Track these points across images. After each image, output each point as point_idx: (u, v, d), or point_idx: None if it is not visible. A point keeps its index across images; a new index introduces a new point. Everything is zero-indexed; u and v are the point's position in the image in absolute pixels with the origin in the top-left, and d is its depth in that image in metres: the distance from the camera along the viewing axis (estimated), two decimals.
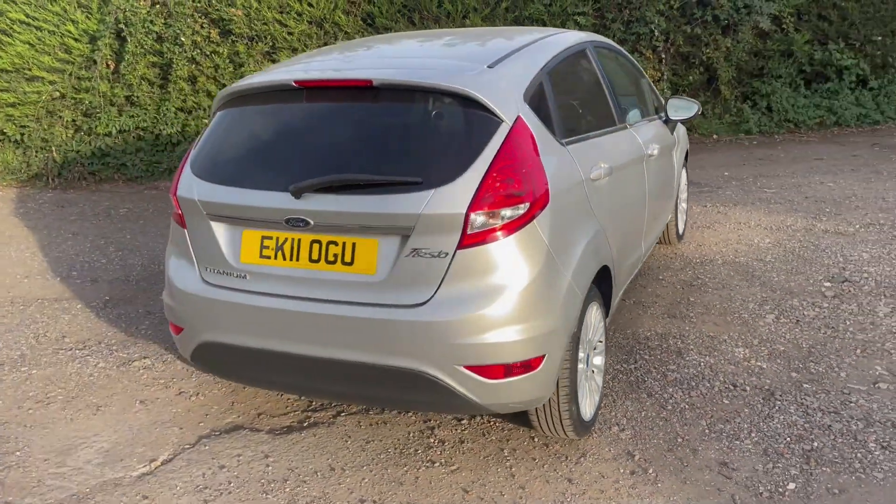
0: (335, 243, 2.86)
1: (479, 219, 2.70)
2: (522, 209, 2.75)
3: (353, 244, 2.84)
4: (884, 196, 6.59)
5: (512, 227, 2.75)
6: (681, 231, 5.72)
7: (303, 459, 3.25)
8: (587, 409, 3.25)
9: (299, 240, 2.91)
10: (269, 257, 2.97)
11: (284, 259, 2.94)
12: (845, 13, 9.38)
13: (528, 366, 2.80)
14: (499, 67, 3.06)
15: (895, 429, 3.25)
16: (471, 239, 2.72)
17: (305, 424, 3.53)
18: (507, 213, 2.73)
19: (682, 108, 4.73)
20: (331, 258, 2.87)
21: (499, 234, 2.73)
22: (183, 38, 8.56)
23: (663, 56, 8.99)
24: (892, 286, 4.70)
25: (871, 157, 8.00)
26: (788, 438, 3.22)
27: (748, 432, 3.27)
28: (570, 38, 3.79)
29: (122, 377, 4.05)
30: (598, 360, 3.43)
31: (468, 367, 2.75)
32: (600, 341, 3.43)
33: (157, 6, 8.64)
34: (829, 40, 9.50)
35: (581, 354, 3.14)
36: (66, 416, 3.69)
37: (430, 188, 2.72)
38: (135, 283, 5.44)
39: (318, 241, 2.89)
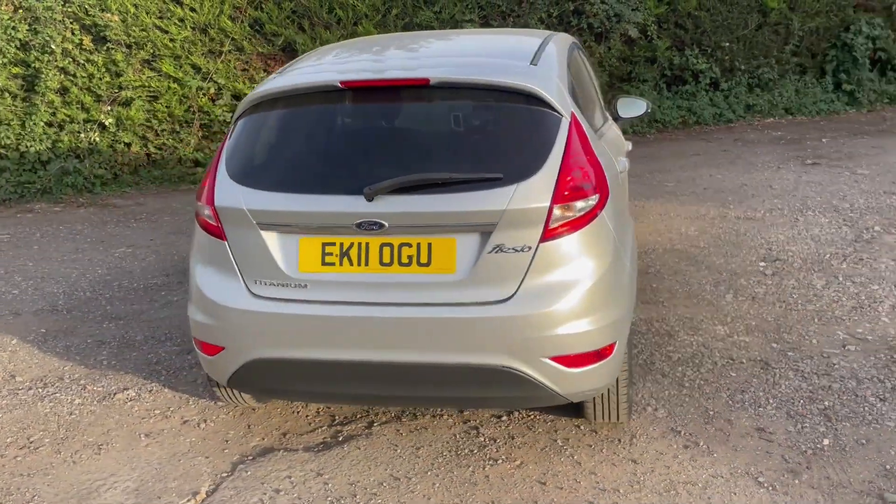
0: (408, 245, 2.81)
1: (559, 211, 2.77)
2: (593, 201, 2.84)
3: (429, 244, 2.80)
4: (769, 184, 7.31)
5: (586, 219, 2.83)
6: None
7: (360, 473, 3.15)
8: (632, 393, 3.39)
9: (367, 244, 2.83)
10: (332, 264, 2.86)
11: (351, 265, 2.85)
12: (698, 22, 10.26)
13: (604, 353, 2.89)
14: (541, 64, 3.14)
15: (882, 383, 3.66)
16: (552, 232, 2.77)
17: (340, 439, 3.41)
18: (580, 205, 2.81)
19: (631, 106, 4.97)
20: (404, 260, 2.81)
21: (575, 226, 2.81)
22: (53, 46, 7.86)
23: None
24: (816, 261, 5.23)
25: (740, 151, 8.82)
26: (802, 401, 3.53)
27: (766, 399, 3.55)
28: (564, 37, 3.93)
29: (110, 412, 3.70)
30: None
31: (553, 359, 2.80)
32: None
33: (21, 11, 7.88)
34: (686, 46, 10.36)
35: None
36: (65, 459, 3.33)
37: (512, 183, 2.75)
38: (66, 313, 4.96)
39: (390, 245, 2.82)
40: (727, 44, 10.42)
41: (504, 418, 3.49)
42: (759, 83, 10.69)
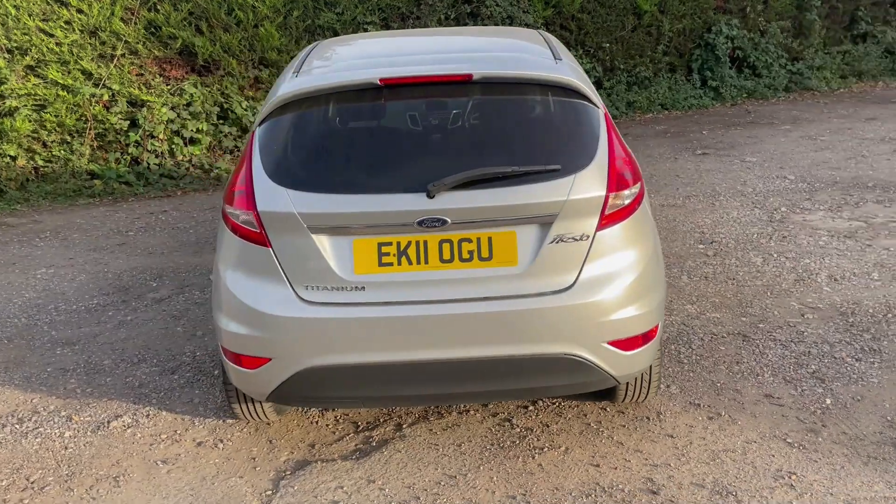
0: (468, 240, 2.82)
1: (613, 200, 2.87)
2: (636, 189, 2.98)
3: (489, 238, 2.82)
4: (675, 174, 7.80)
5: (632, 206, 2.96)
6: None
7: (411, 475, 3.11)
8: None
9: (425, 241, 2.81)
10: (390, 264, 2.82)
11: (410, 264, 2.82)
12: (581, 24, 10.75)
13: (650, 335, 3.03)
14: (564, 60, 3.23)
15: (850, 345, 4.04)
16: (607, 220, 2.88)
17: (373, 444, 3.35)
18: (627, 193, 2.94)
19: None
20: (465, 255, 2.82)
21: (625, 214, 2.92)
22: None
23: None
24: (747, 241, 5.67)
25: (634, 145, 9.32)
26: (791, 366, 3.84)
27: (760, 368, 3.83)
28: (551, 35, 4.04)
29: (111, 442, 3.43)
30: None
31: (611, 343, 2.90)
32: None
33: None
34: (571, 47, 10.83)
35: None
36: (82, 496, 3.07)
37: (570, 174, 2.82)
38: (7, 342, 4.51)
39: (449, 241, 2.82)
40: (607, 44, 10.99)
41: (531, 408, 3.55)
42: (636, 81, 11.35)
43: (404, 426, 3.46)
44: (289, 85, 3.05)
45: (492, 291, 2.82)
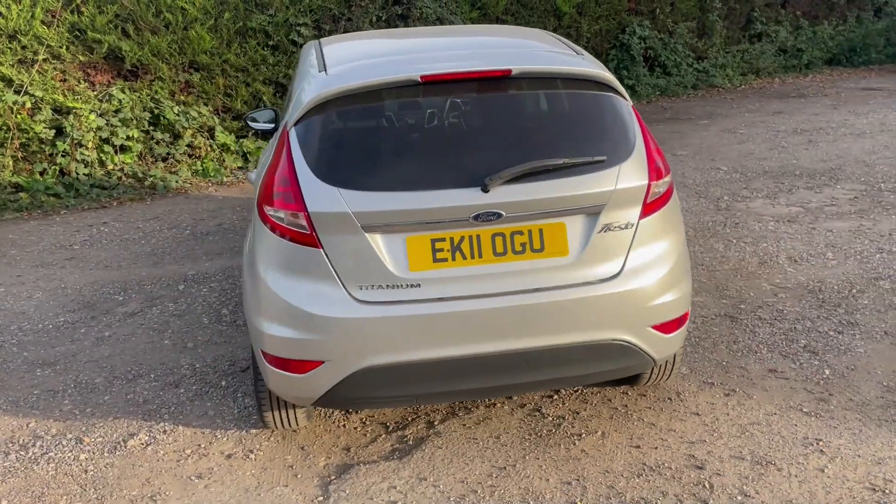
0: (520, 233, 2.86)
1: (654, 189, 2.99)
2: (668, 178, 3.10)
3: (540, 230, 2.88)
4: None
5: (667, 195, 3.09)
6: None
7: (461, 470, 3.12)
8: None
9: (479, 236, 2.84)
10: (444, 260, 2.83)
11: (465, 259, 2.84)
12: (504, 23, 10.98)
13: (684, 318, 3.17)
14: (586, 56, 3.32)
15: (828, 319, 4.33)
16: (648, 208, 2.99)
17: (410, 443, 3.34)
18: (663, 181, 3.06)
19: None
20: (518, 248, 2.86)
21: (662, 202, 3.05)
22: None
23: None
24: (704, 228, 5.95)
25: None
26: (783, 342, 4.07)
27: (756, 345, 4.05)
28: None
29: (135, 461, 3.27)
30: None
31: (654, 327, 3.01)
32: None
33: None
34: None
35: None
36: None
37: (615, 165, 2.92)
38: None
39: (501, 234, 2.85)
40: None
41: (555, 397, 3.63)
42: None
43: (436, 423, 3.46)
44: (325, 83, 3.00)
45: (544, 282, 2.87)
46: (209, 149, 8.49)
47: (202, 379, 3.93)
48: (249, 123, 5.01)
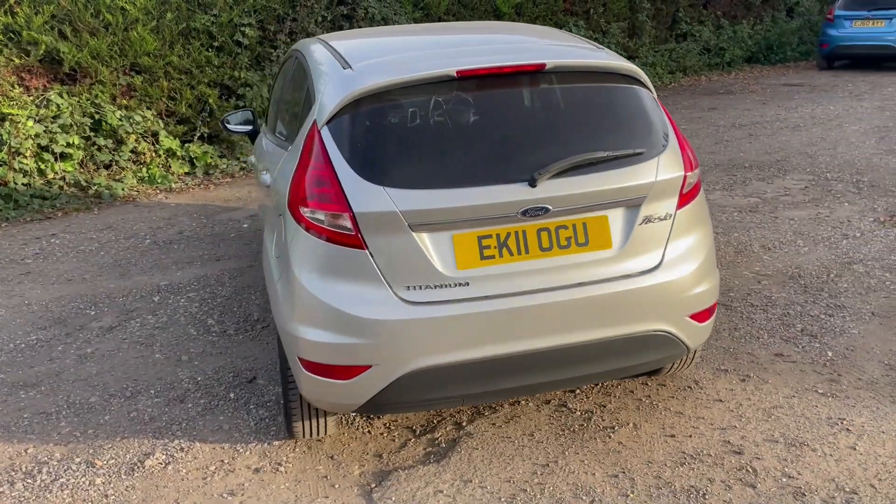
0: (564, 227, 2.85)
1: (689, 179, 3.02)
2: (698, 170, 3.14)
3: (584, 224, 2.87)
4: None
5: (698, 186, 3.13)
6: None
7: (504, 469, 3.08)
8: None
9: (524, 231, 2.81)
10: (491, 257, 2.78)
11: (511, 255, 2.80)
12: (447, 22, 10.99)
13: (714, 307, 3.21)
14: (604, 49, 3.33)
15: (815, 304, 4.49)
16: (684, 199, 3.03)
17: (443, 445, 3.28)
18: (696, 172, 3.10)
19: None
20: (563, 243, 2.85)
21: (694, 193, 3.09)
22: None
23: None
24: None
25: None
26: (781, 327, 4.20)
27: (757, 332, 4.16)
28: None
29: (157, 482, 3.09)
30: None
31: (691, 316, 3.05)
32: None
33: None
34: None
35: None
36: None
37: (653, 157, 2.94)
38: None
39: (546, 229, 2.83)
40: None
41: (577, 392, 3.63)
42: None
43: (464, 424, 3.41)
44: (355, 79, 2.91)
45: (589, 276, 2.86)
46: (154, 154, 8.16)
47: (208, 392, 3.75)
48: (226, 126, 4.88)
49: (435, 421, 3.45)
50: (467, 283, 2.76)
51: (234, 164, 8.55)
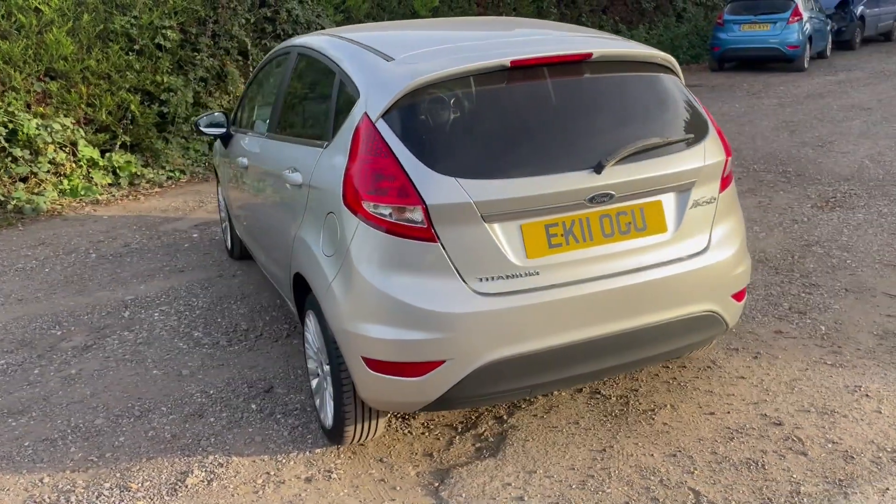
0: (624, 213, 2.89)
1: (729, 164, 3.14)
2: (730, 157, 3.26)
3: (641, 209, 2.92)
4: None
5: (732, 170, 3.25)
6: None
7: (563, 459, 3.09)
8: None
9: (587, 218, 2.83)
10: (559, 245, 2.79)
11: (577, 242, 2.82)
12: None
13: (747, 286, 3.34)
14: (631, 41, 3.40)
15: (792, 283, 4.74)
16: (724, 182, 3.14)
17: (491, 440, 3.25)
18: (731, 157, 3.22)
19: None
20: (623, 228, 2.89)
21: (730, 177, 3.21)
22: None
23: (252, 68, 9.06)
24: None
25: None
26: (772, 306, 4.41)
27: (750, 311, 4.36)
28: None
29: (205, 500, 2.90)
30: None
31: (733, 296, 3.16)
32: None
33: None
34: None
35: None
36: None
37: (699, 142, 3.03)
38: None
39: (608, 215, 2.86)
40: None
41: (606, 380, 3.68)
42: None
43: (505, 418, 3.39)
44: (407, 70, 2.84)
45: (647, 261, 2.91)
46: (74, 165, 7.67)
47: (227, 405, 3.55)
48: (202, 129, 4.69)
49: (473, 417, 3.41)
50: (537, 273, 2.75)
51: (161, 173, 8.15)
